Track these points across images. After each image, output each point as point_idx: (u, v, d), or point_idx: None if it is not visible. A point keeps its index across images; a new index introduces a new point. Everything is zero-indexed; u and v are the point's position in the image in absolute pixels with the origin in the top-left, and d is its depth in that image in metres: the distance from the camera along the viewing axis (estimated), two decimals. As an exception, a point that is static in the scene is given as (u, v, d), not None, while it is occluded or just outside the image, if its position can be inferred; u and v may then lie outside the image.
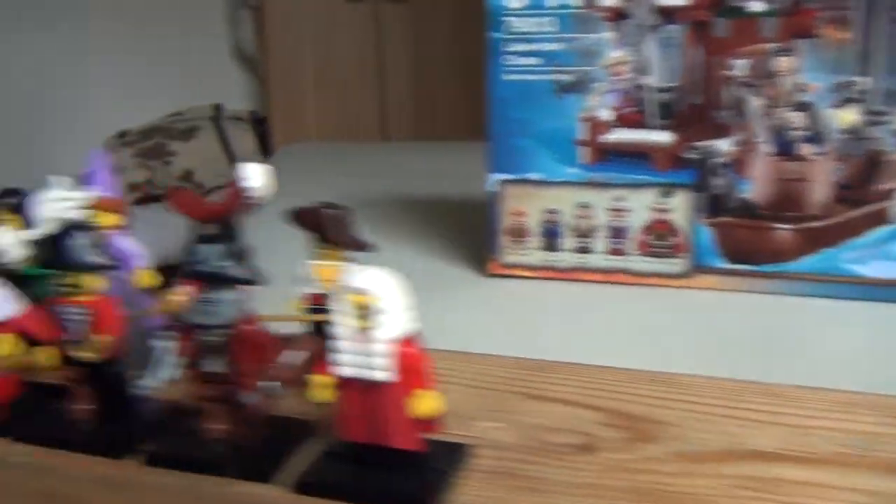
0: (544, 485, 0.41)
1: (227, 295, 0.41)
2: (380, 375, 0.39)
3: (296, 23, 1.81)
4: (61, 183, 0.47)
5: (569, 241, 0.82)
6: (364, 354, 0.39)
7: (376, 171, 1.35)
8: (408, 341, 0.40)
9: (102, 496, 0.43)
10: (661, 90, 0.77)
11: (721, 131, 0.76)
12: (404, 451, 0.41)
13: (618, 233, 0.81)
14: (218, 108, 1.94)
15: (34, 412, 0.46)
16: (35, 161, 1.90)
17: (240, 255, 0.41)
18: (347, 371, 0.39)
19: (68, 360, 0.44)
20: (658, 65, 0.77)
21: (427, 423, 0.41)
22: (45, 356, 0.44)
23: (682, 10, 0.75)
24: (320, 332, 0.51)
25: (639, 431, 0.45)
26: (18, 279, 0.49)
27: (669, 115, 0.77)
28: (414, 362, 0.39)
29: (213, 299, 0.41)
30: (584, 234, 0.82)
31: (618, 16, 0.76)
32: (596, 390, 0.50)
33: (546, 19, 0.78)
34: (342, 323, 0.39)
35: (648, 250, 0.80)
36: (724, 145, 0.76)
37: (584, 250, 0.82)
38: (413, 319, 0.39)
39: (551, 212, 0.82)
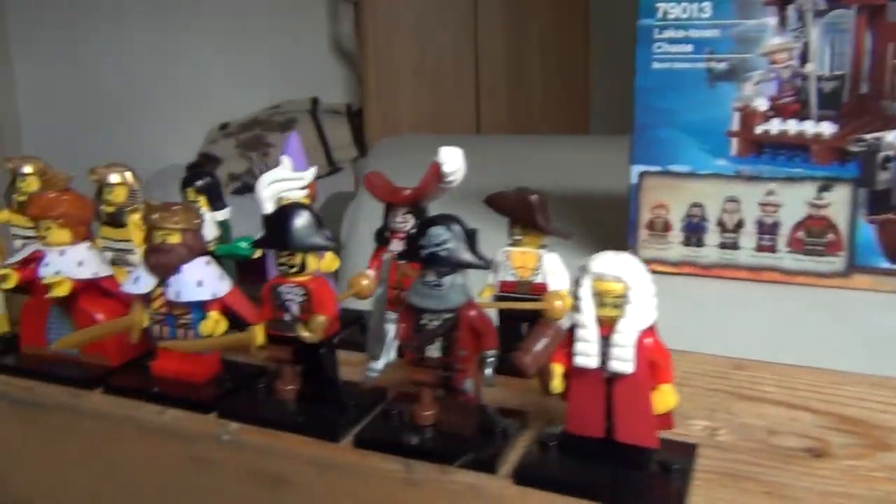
0: (784, 490, 0.38)
1: (455, 279, 0.39)
2: (622, 367, 0.37)
3: (394, 17, 1.81)
4: (283, 164, 0.46)
5: (713, 237, 0.79)
6: (608, 344, 0.37)
7: (480, 164, 1.33)
8: (650, 332, 0.37)
9: (311, 476, 0.42)
10: (825, 79, 0.73)
11: (890, 122, 0.71)
12: (634, 447, 0.39)
13: (768, 229, 0.77)
14: (315, 102, 1.96)
15: (239, 391, 0.46)
16: (144, 150, 1.95)
17: (470, 239, 0.39)
18: (587, 361, 0.37)
19: (275, 340, 0.43)
20: (823, 52, 0.73)
21: (664, 419, 0.39)
22: (253, 336, 0.43)
23: (852, -6, 0.71)
24: (509, 322, 0.50)
25: (872, 438, 0.42)
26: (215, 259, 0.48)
27: (832, 106, 0.73)
28: (658, 355, 0.37)
29: (441, 283, 0.39)
30: (730, 229, 0.78)
31: (781, 0, 0.73)
32: (805, 391, 0.47)
33: (703, 4, 0.75)
34: (585, 310, 0.37)
35: (801, 248, 0.76)
36: (893, 137, 0.72)
37: (730, 246, 0.79)
38: (656, 309, 0.37)
39: (696, 205, 0.79)
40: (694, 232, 0.80)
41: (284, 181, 0.47)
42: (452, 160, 0.48)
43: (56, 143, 1.76)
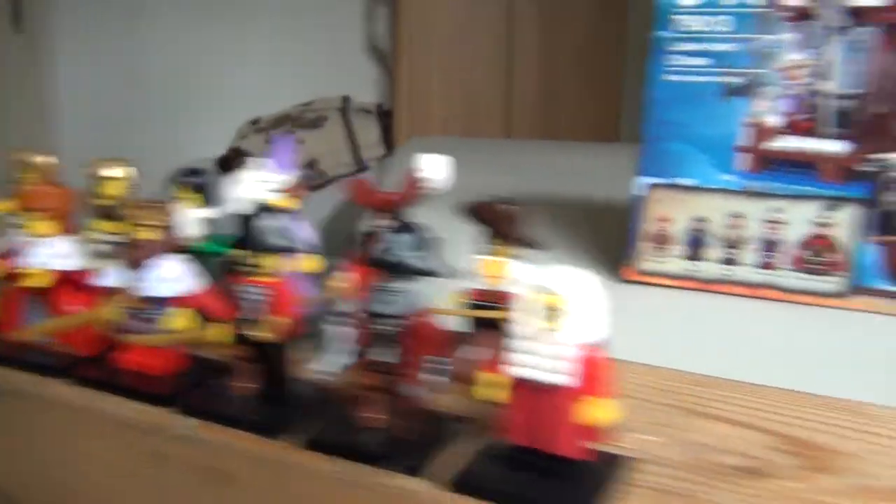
0: (710, 507, 0.39)
1: (407, 285, 0.41)
2: (556, 378, 0.38)
3: (429, 19, 1.81)
4: (259, 165, 0.48)
5: (715, 252, 0.78)
6: (542, 356, 0.38)
7: (503, 168, 1.34)
8: (591, 346, 0.38)
9: (256, 474, 0.44)
10: (841, 97, 0.71)
11: (904, 145, 0.70)
12: (566, 458, 0.40)
13: (771, 246, 0.76)
14: (346, 100, 1.98)
15: (199, 386, 0.48)
16: (177, 143, 2.01)
17: (427, 247, 0.40)
18: (521, 371, 0.38)
19: (239, 339, 0.45)
20: (840, 70, 0.71)
21: (593, 431, 0.39)
22: (217, 333, 0.45)
23: (875, 11, 0.69)
24: (486, 329, 0.50)
25: (814, 460, 0.42)
26: (195, 256, 0.50)
27: (846, 125, 0.72)
28: (593, 369, 0.38)
29: (392, 289, 0.41)
30: (732, 244, 0.78)
31: (802, 16, 0.71)
32: (763, 411, 0.47)
33: (720, 17, 0.74)
34: (523, 321, 0.38)
35: (803, 266, 0.75)
36: (906, 161, 0.70)
37: (731, 262, 0.78)
38: (604, 324, 0.38)
39: (699, 219, 0.79)
40: (695, 246, 0.79)
41: (260, 182, 0.48)
42: (431, 168, 0.49)
43: (93, 136, 1.83)
